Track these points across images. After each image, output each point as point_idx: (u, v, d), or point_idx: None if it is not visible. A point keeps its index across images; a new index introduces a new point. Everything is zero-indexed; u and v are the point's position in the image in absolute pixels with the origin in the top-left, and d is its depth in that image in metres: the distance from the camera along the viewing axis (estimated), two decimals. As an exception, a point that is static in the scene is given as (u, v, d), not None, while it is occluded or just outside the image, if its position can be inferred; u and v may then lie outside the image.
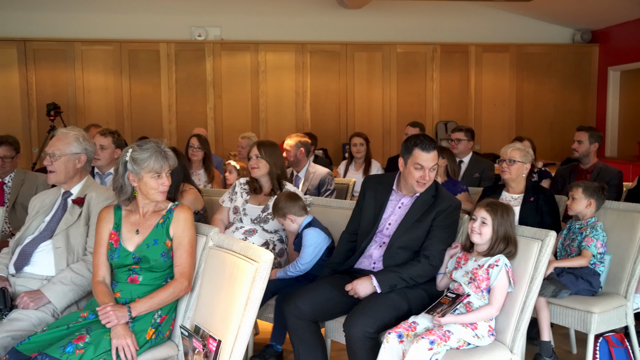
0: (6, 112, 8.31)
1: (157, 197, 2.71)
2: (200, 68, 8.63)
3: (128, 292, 2.66)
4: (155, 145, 2.71)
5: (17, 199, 4.34)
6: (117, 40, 8.44)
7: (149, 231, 2.71)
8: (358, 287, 2.98)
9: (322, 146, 8.33)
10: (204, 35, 8.65)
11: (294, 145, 5.11)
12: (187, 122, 8.49)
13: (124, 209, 2.79)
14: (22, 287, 2.93)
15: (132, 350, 2.47)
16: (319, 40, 8.87)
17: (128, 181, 2.70)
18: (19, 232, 3.16)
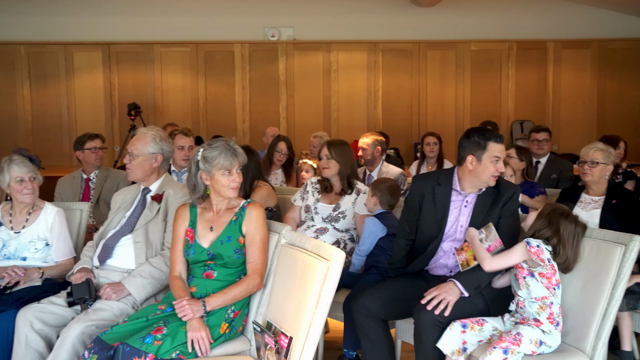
0: (91, 111, 8.74)
1: (228, 193, 2.76)
2: (273, 68, 8.75)
3: (203, 287, 2.74)
4: (224, 143, 2.77)
5: (101, 194, 4.55)
6: (194, 42, 8.69)
7: (222, 228, 2.77)
8: (446, 295, 2.79)
9: (394, 145, 8.26)
10: (277, 35, 8.76)
11: (370, 144, 5.09)
12: (260, 121, 8.63)
13: (199, 206, 2.87)
14: (105, 279, 3.07)
15: (206, 343, 2.54)
16: (392, 39, 8.81)
17: (201, 180, 2.77)
18: (102, 226, 3.31)
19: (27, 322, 2.82)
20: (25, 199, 3.32)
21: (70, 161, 8.39)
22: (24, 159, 3.37)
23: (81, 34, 8.70)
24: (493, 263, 2.77)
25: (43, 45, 8.65)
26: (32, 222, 3.36)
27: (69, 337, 2.70)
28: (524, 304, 2.72)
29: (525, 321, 2.68)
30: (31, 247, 3.32)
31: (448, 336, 2.69)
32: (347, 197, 3.86)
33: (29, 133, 8.74)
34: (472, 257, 2.88)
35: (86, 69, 8.71)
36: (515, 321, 2.74)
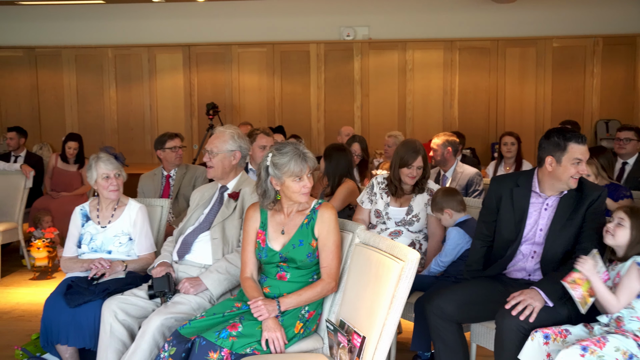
0: (172, 111, 9.06)
1: (300, 199, 2.73)
2: (348, 67, 8.77)
3: (277, 287, 2.76)
4: (293, 148, 2.70)
5: (180, 190, 4.70)
6: (270, 42, 8.83)
7: (294, 231, 2.76)
8: (532, 301, 2.70)
9: (470, 145, 8.09)
10: (353, 35, 8.77)
11: (441, 144, 5.02)
12: (335, 120, 8.67)
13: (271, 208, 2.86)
14: (183, 273, 3.17)
15: (281, 344, 2.57)
16: (469, 36, 8.62)
17: (271, 185, 2.73)
18: (181, 222, 3.42)
19: (112, 313, 2.95)
20: (111, 195, 3.47)
21: (152, 159, 8.73)
22: (110, 156, 3.53)
23: (163, 37, 9.03)
24: (621, 304, 2.58)
25: (128, 48, 9.04)
26: (117, 217, 3.50)
27: (150, 328, 2.80)
28: (622, 321, 2.59)
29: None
30: (116, 241, 3.46)
31: (530, 347, 2.59)
32: (419, 197, 3.76)
33: (115, 132, 9.16)
34: (588, 292, 2.65)
35: (168, 70, 9.03)
36: (608, 331, 2.60)
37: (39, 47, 9.18)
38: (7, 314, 4.64)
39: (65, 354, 3.17)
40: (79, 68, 9.16)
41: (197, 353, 2.49)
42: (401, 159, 3.69)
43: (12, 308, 4.79)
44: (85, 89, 9.18)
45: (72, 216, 3.55)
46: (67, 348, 3.15)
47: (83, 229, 3.50)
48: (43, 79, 9.23)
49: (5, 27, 9.25)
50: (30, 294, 5.17)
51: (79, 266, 3.40)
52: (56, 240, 5.66)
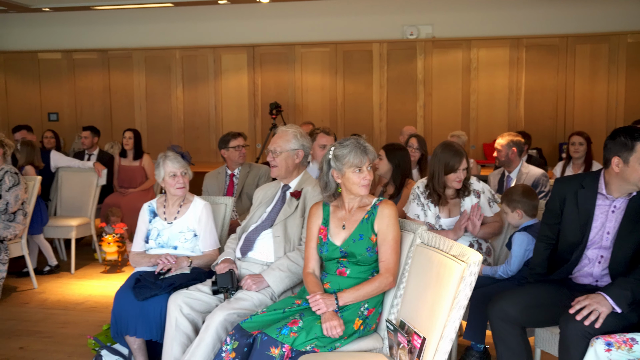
0: (236, 110, 9.24)
1: (359, 191, 2.78)
2: (411, 66, 8.70)
3: (336, 283, 2.79)
4: (355, 141, 2.79)
5: (243, 188, 4.78)
6: (333, 42, 8.87)
7: (354, 226, 2.80)
8: (598, 306, 2.61)
9: (536, 145, 7.88)
10: (416, 33, 8.69)
11: (505, 145, 4.92)
12: (397, 120, 8.62)
13: (331, 205, 2.91)
14: (246, 270, 3.23)
15: (338, 331, 2.59)
16: (536, 33, 8.40)
17: (332, 178, 2.82)
18: (244, 220, 3.49)
19: (177, 307, 3.05)
20: (177, 192, 3.58)
21: (216, 158, 8.93)
22: (177, 155, 3.64)
23: (228, 38, 9.23)
24: None
25: (195, 49, 9.28)
26: (183, 214, 3.61)
27: (213, 322, 2.87)
28: None
29: None
30: (181, 237, 3.57)
31: (592, 356, 2.50)
32: (467, 202, 3.62)
33: (181, 131, 9.42)
34: None
35: (232, 71, 9.21)
36: None
37: (111, 50, 9.56)
38: (80, 305, 4.85)
39: (134, 345, 3.29)
40: (148, 69, 9.48)
41: (258, 348, 2.54)
42: (446, 165, 3.53)
43: (85, 299, 5.00)
44: (153, 89, 9.49)
45: (141, 212, 3.67)
46: (135, 339, 3.26)
47: (150, 224, 3.62)
48: (115, 80, 9.61)
49: (81, 31, 9.69)
50: (101, 286, 5.39)
51: (147, 261, 3.52)
52: (125, 236, 5.87)
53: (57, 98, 9.83)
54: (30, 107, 9.90)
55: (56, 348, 3.95)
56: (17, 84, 9.94)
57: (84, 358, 3.75)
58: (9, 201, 4.87)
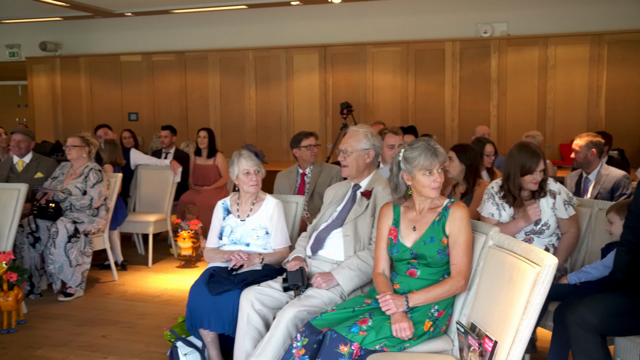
0: (307, 110, 9.33)
1: (430, 193, 2.76)
2: (484, 65, 8.52)
3: (407, 284, 2.78)
4: (425, 143, 2.77)
5: (315, 188, 4.83)
6: (405, 41, 8.81)
7: (425, 228, 2.78)
8: None
9: (618, 146, 7.54)
10: (490, 31, 8.51)
11: (584, 146, 4.74)
12: (470, 119, 8.47)
13: (402, 205, 2.90)
14: (316, 268, 3.27)
15: (408, 333, 2.58)
16: (620, 29, 8.03)
17: (402, 180, 2.81)
18: (315, 218, 3.53)
19: (249, 302, 3.12)
20: (250, 190, 3.66)
21: (287, 157, 9.05)
22: (251, 153, 3.73)
23: (300, 38, 9.33)
24: None
25: (268, 50, 9.45)
26: (255, 211, 3.69)
27: (284, 319, 2.92)
28: None
29: None
30: (253, 235, 3.65)
31: None
32: (543, 203, 3.49)
33: (253, 130, 9.61)
34: None
35: (304, 71, 9.31)
36: None
37: (188, 52, 9.87)
38: (157, 298, 5.05)
39: (207, 338, 3.39)
40: (222, 70, 9.72)
41: (328, 345, 2.57)
42: (523, 167, 3.43)
43: (161, 292, 5.20)
44: (227, 90, 9.72)
45: (215, 210, 3.78)
46: (208, 332, 3.37)
47: (224, 221, 3.72)
48: (191, 81, 9.91)
49: (160, 34, 10.07)
50: (176, 280, 5.58)
51: (220, 257, 3.62)
52: (200, 232, 6.05)
53: (137, 98, 10.24)
54: (112, 107, 10.36)
55: (135, 338, 4.13)
56: (101, 86, 10.42)
57: (161, 348, 3.91)
58: (93, 197, 5.13)
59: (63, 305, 4.85)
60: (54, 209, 5.00)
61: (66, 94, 10.62)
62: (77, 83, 10.52)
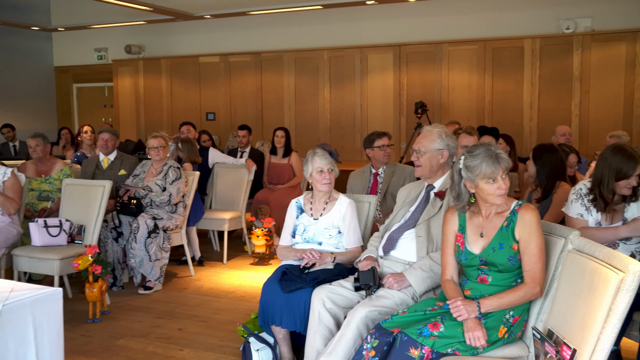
0: (381, 110, 9.29)
1: (495, 201, 2.66)
2: (566, 62, 8.20)
3: (478, 290, 2.71)
4: (485, 149, 2.65)
5: (388, 188, 4.80)
6: (482, 39, 8.61)
7: (493, 234, 2.69)
8: None
9: None
10: (573, 27, 8.17)
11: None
12: (549, 119, 8.17)
13: (467, 211, 2.81)
14: (388, 268, 3.25)
15: (482, 342, 2.52)
16: None
17: (465, 188, 2.72)
18: (387, 218, 3.51)
19: (320, 301, 3.14)
20: (323, 188, 3.69)
21: (360, 156, 9.04)
22: (325, 152, 3.75)
23: (375, 37, 9.30)
24: None
25: (342, 50, 9.47)
26: (328, 210, 3.70)
27: (355, 319, 2.92)
28: None
29: None
30: (326, 234, 3.66)
31: None
32: (633, 207, 3.31)
33: (327, 130, 9.66)
34: None
35: (378, 70, 9.27)
36: None
37: (263, 52, 10.04)
38: (231, 294, 5.16)
39: (279, 335, 3.44)
40: (297, 70, 9.83)
41: (398, 348, 2.54)
42: (618, 171, 3.23)
43: (235, 289, 5.31)
44: (302, 90, 9.82)
45: (289, 208, 3.83)
46: (280, 329, 3.41)
47: (297, 220, 3.76)
48: (266, 81, 10.08)
49: (237, 35, 10.30)
50: (250, 277, 5.69)
51: (293, 255, 3.66)
52: (273, 230, 6.14)
53: (215, 98, 10.52)
54: (191, 107, 10.69)
55: (210, 332, 4.24)
56: (180, 86, 10.78)
57: (234, 343, 4.00)
58: (171, 193, 5.32)
59: (143, 298, 5.05)
60: (136, 205, 5.22)
61: (148, 94, 11.05)
62: (159, 84, 10.92)
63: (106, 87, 11.99)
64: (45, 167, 5.59)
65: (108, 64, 11.50)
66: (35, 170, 5.56)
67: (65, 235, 4.77)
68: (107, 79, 11.65)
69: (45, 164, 5.59)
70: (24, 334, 2.32)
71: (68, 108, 12.39)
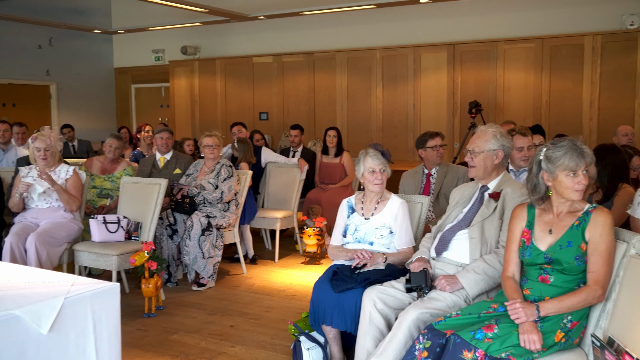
0: (434, 109, 9.18)
1: (572, 196, 2.61)
2: (629, 60, 7.90)
3: (538, 290, 2.65)
4: (570, 142, 2.62)
5: (441, 189, 4.74)
6: (539, 37, 8.39)
7: (562, 232, 2.63)
8: None
9: None
10: (638, 23, 7.87)
11: None
12: (610, 119, 7.90)
13: (537, 207, 2.77)
14: (440, 270, 3.21)
15: (537, 346, 2.45)
16: None
17: (542, 180, 2.67)
18: (440, 219, 3.46)
19: (371, 301, 3.12)
20: (375, 189, 3.67)
21: (413, 157, 8.96)
22: (377, 152, 3.74)
23: (429, 36, 9.20)
24: None
25: (395, 49, 9.41)
26: (380, 211, 3.69)
27: (406, 320, 2.89)
28: None
29: None
30: (377, 234, 3.65)
31: None
32: None
33: (379, 130, 9.61)
34: None
35: (432, 69, 9.16)
36: None
37: (316, 52, 10.07)
38: (282, 292, 5.20)
39: (329, 334, 3.44)
40: (349, 70, 9.82)
41: (451, 350, 2.51)
42: None
43: (287, 287, 5.35)
44: (354, 89, 9.81)
45: (340, 208, 3.83)
46: (331, 329, 3.41)
47: (348, 220, 3.76)
48: (319, 81, 10.11)
49: (290, 36, 10.37)
50: (301, 276, 5.72)
51: (344, 255, 3.66)
52: (324, 229, 6.15)
53: (267, 99, 10.62)
54: (245, 107, 10.83)
55: (261, 330, 4.29)
56: (234, 87, 10.93)
57: (285, 341, 4.02)
58: (223, 191, 5.40)
59: (196, 294, 5.14)
60: (189, 204, 5.33)
61: (203, 94, 11.26)
62: (213, 84, 11.11)
63: (163, 87, 12.29)
64: (110, 166, 5.79)
65: (165, 64, 11.78)
66: (101, 167, 5.76)
67: (122, 231, 4.91)
68: (163, 80, 11.93)
69: (111, 163, 5.79)
70: (84, 327, 2.40)
71: (126, 108, 12.76)
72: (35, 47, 11.12)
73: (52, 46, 11.35)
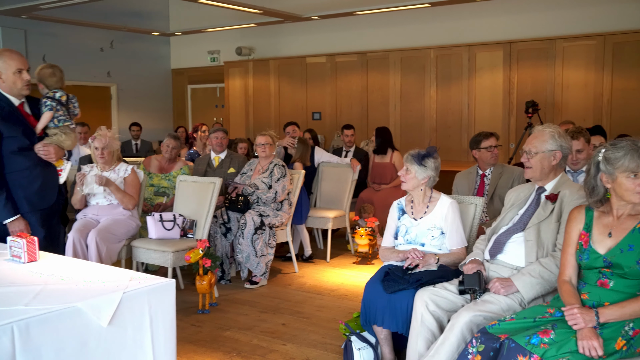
0: (489, 109, 9.01)
1: (633, 198, 2.52)
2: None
3: (596, 295, 2.57)
4: (631, 143, 2.52)
5: (495, 190, 4.66)
6: (601, 33, 8.11)
7: (623, 235, 2.55)
8: None
9: None
10: None
11: None
12: (677, 118, 7.57)
13: (596, 210, 2.69)
14: (494, 272, 3.15)
15: (599, 352, 2.38)
16: None
17: (601, 182, 2.59)
18: (494, 221, 3.40)
19: (423, 303, 3.10)
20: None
21: (467, 157, 8.82)
22: (415, 154, 3.70)
23: (484, 35, 9.04)
24: None
25: (449, 48, 9.28)
26: (430, 211, 3.65)
27: (459, 322, 2.85)
28: None
29: None
30: (428, 235, 3.62)
31: None
32: None
33: (433, 130, 9.51)
34: None
35: (487, 68, 9.00)
36: None
37: (369, 52, 10.05)
38: (334, 292, 5.21)
39: (380, 335, 3.44)
40: (403, 69, 9.75)
41: (505, 355, 2.46)
42: None
43: (338, 287, 5.36)
44: (408, 89, 9.73)
45: (390, 210, 3.82)
46: (382, 330, 3.41)
47: (399, 221, 3.74)
48: (372, 81, 10.08)
49: (343, 36, 10.39)
50: (352, 276, 5.72)
51: (395, 256, 3.64)
52: (376, 230, 6.13)
53: (321, 98, 10.66)
54: (298, 107, 10.90)
55: (312, 329, 4.31)
56: (288, 87, 11.02)
57: (336, 341, 4.04)
58: (277, 190, 5.46)
59: (249, 292, 5.21)
60: (243, 202, 5.41)
61: (257, 94, 11.40)
62: (267, 84, 11.23)
63: (218, 87, 12.50)
64: (168, 165, 5.94)
65: (220, 65, 11.98)
66: (159, 166, 5.92)
67: (178, 229, 5.03)
68: (219, 80, 12.14)
69: (169, 162, 5.95)
70: (141, 321, 2.47)
71: (183, 108, 13.05)
72: (97, 49, 11.51)
73: (113, 48, 11.73)
